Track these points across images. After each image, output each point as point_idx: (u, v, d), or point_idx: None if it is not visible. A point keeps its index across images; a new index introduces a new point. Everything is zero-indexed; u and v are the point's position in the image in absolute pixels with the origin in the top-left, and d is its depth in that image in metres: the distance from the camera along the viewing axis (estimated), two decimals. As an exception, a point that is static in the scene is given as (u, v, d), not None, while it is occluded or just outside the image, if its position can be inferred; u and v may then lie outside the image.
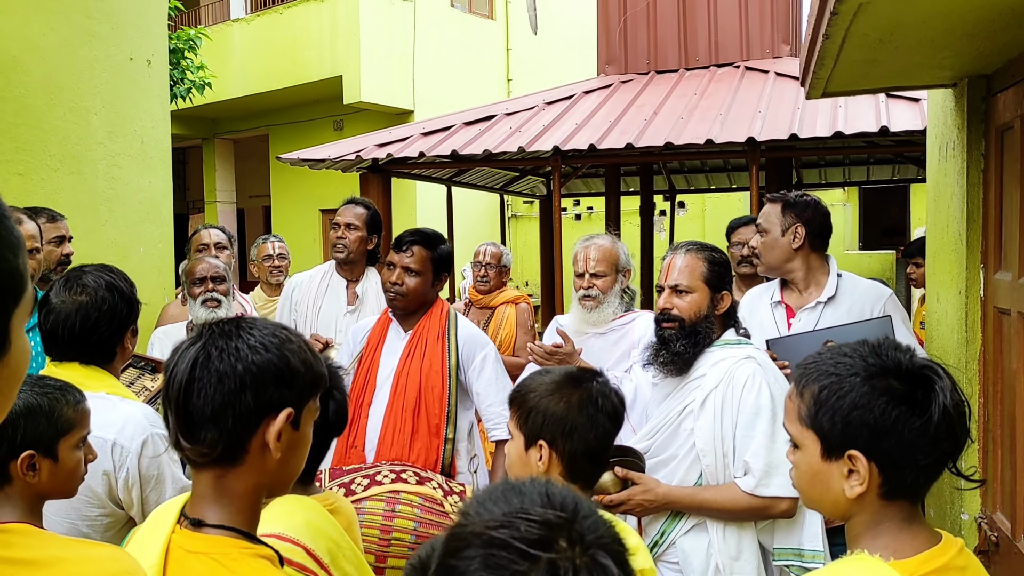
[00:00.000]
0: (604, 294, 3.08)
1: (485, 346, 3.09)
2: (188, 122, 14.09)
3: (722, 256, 2.47)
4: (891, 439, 1.21)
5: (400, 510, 2.42)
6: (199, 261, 3.50)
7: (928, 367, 1.24)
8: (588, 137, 5.68)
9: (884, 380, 1.23)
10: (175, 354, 1.27)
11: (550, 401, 1.74)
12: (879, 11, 1.87)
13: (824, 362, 1.30)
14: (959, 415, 1.22)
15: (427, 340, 3.02)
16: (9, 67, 3.77)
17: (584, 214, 12.44)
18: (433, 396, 2.95)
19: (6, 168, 3.77)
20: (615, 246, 3.15)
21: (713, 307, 2.39)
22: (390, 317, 3.11)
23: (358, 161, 6.31)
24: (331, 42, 11.53)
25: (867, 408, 1.22)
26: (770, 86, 6.26)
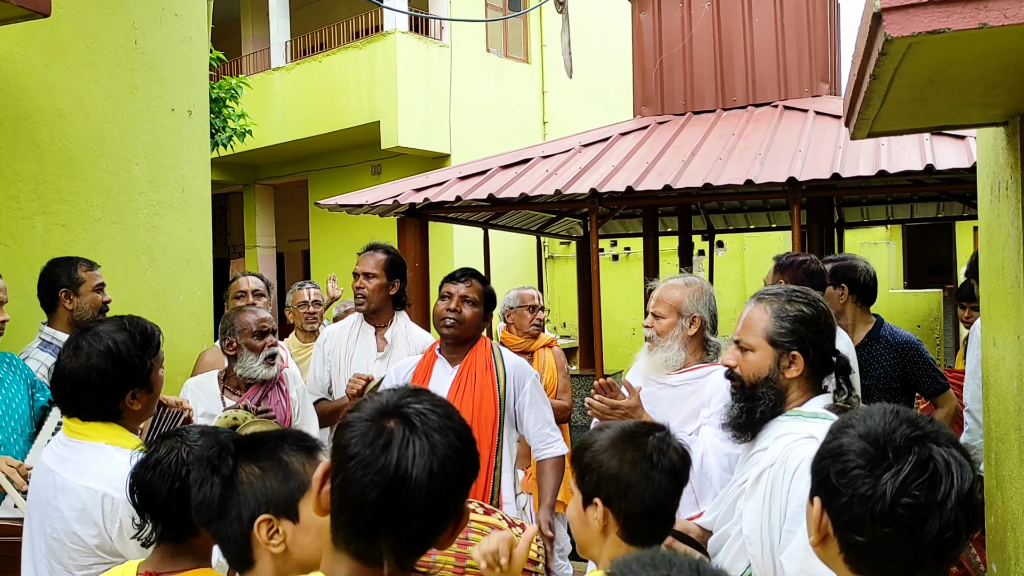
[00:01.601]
0: (660, 337, 2.95)
1: (531, 373, 3.20)
2: (229, 168, 14.35)
3: (801, 310, 2.08)
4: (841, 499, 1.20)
5: (472, 538, 2.41)
6: (249, 312, 3.41)
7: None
8: (625, 179, 5.64)
9: (864, 440, 1.21)
10: (386, 449, 1.13)
11: (604, 458, 1.66)
12: (930, 50, 1.81)
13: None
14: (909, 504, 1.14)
15: (476, 372, 3.07)
16: (54, 120, 3.84)
17: (622, 255, 12.37)
18: (485, 426, 2.99)
19: (49, 219, 3.82)
20: (685, 289, 2.97)
21: (778, 369, 2.06)
22: (436, 353, 3.16)
23: (395, 206, 6.33)
24: (369, 88, 11.70)
25: (836, 458, 1.23)
26: (810, 125, 6.19)
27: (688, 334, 2.95)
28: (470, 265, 10.25)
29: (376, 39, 11.75)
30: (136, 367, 2.10)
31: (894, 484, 1.15)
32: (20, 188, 3.68)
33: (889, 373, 3.61)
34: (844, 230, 9.67)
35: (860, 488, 1.17)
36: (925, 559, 1.16)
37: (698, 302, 2.97)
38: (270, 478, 1.45)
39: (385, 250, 3.89)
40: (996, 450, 3.01)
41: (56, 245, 3.84)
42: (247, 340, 3.41)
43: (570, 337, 12.29)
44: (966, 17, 1.65)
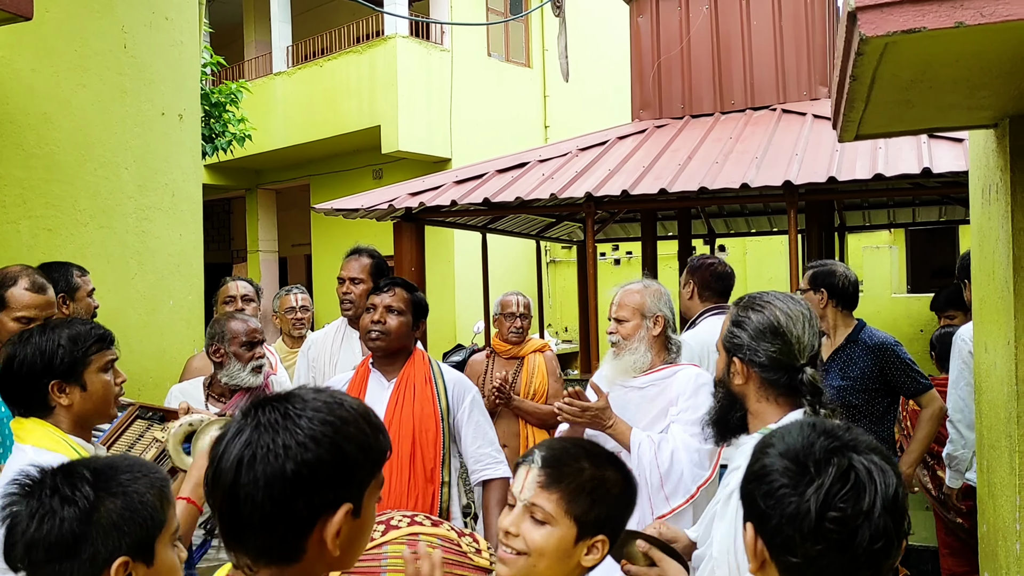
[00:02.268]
0: (627, 340, 3.00)
1: (471, 389, 3.10)
2: (231, 173, 14.35)
3: (757, 320, 1.95)
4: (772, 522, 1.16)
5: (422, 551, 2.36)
6: (240, 321, 3.37)
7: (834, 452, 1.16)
8: (621, 183, 5.60)
9: (785, 458, 1.18)
10: (219, 446, 1.15)
11: (610, 489, 1.56)
12: (907, 50, 1.77)
13: None
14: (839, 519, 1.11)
15: (415, 385, 2.98)
16: (40, 124, 3.83)
17: (623, 259, 12.32)
18: (427, 440, 2.91)
19: (35, 223, 3.80)
20: (644, 291, 3.04)
21: (727, 376, 1.99)
22: (369, 368, 3.07)
23: (391, 210, 6.30)
24: (370, 93, 11.69)
25: (761, 480, 1.19)
26: (808, 128, 6.14)
27: (653, 334, 3.02)
28: (470, 269, 10.21)
29: (377, 44, 11.75)
30: (58, 357, 2.07)
31: (818, 499, 1.11)
32: (6, 192, 3.66)
33: (867, 374, 3.63)
34: (846, 234, 9.61)
35: (787, 508, 1.13)
36: (860, 572, 1.12)
37: (659, 302, 3.03)
38: (130, 514, 1.30)
39: (369, 254, 3.86)
40: (988, 457, 2.96)
41: (42, 249, 3.82)
42: (235, 349, 3.37)
43: (572, 342, 12.25)
44: (941, 16, 1.61)
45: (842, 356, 3.71)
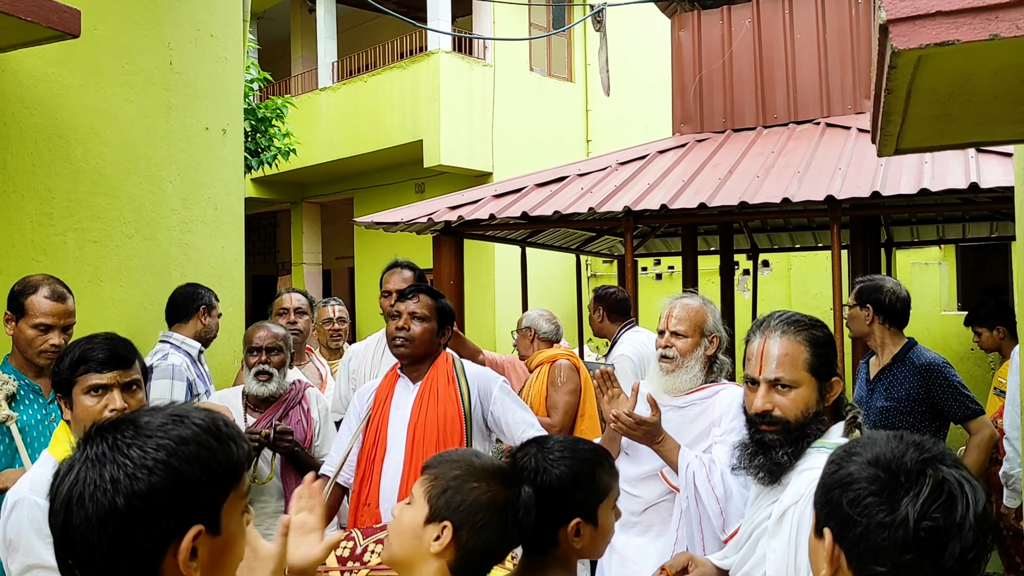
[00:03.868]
0: (683, 357, 2.87)
1: (496, 379, 3.09)
2: (277, 187, 14.59)
3: (824, 331, 2.02)
4: (857, 529, 1.15)
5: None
6: (257, 328, 3.46)
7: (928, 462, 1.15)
8: (660, 197, 5.57)
9: (873, 467, 1.18)
10: (53, 484, 1.10)
11: (475, 489, 1.58)
12: (942, 63, 1.73)
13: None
14: (936, 533, 1.10)
15: (438, 387, 2.99)
16: (88, 138, 3.92)
17: (665, 274, 12.23)
18: (452, 441, 2.91)
19: (82, 236, 3.89)
20: (704, 307, 2.94)
21: (822, 399, 1.96)
22: (397, 373, 3.09)
23: (431, 224, 6.34)
24: (413, 107, 11.81)
25: (846, 488, 1.18)
26: (852, 142, 6.05)
27: (708, 354, 2.91)
28: (511, 283, 10.18)
29: (420, 59, 11.87)
30: (58, 372, 2.17)
31: (914, 508, 1.11)
32: (53, 205, 3.75)
33: (912, 396, 3.51)
34: (894, 250, 9.41)
35: (876, 516, 1.14)
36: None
37: (718, 321, 2.94)
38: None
39: (410, 267, 3.90)
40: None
41: (88, 261, 3.91)
42: (244, 355, 3.43)
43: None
44: (976, 28, 1.57)
45: (888, 376, 3.61)
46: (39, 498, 1.97)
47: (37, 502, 1.95)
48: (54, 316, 2.88)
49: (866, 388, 3.73)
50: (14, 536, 1.96)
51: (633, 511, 2.88)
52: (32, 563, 1.93)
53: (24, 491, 2.01)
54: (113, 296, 4.04)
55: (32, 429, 2.84)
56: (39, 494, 1.98)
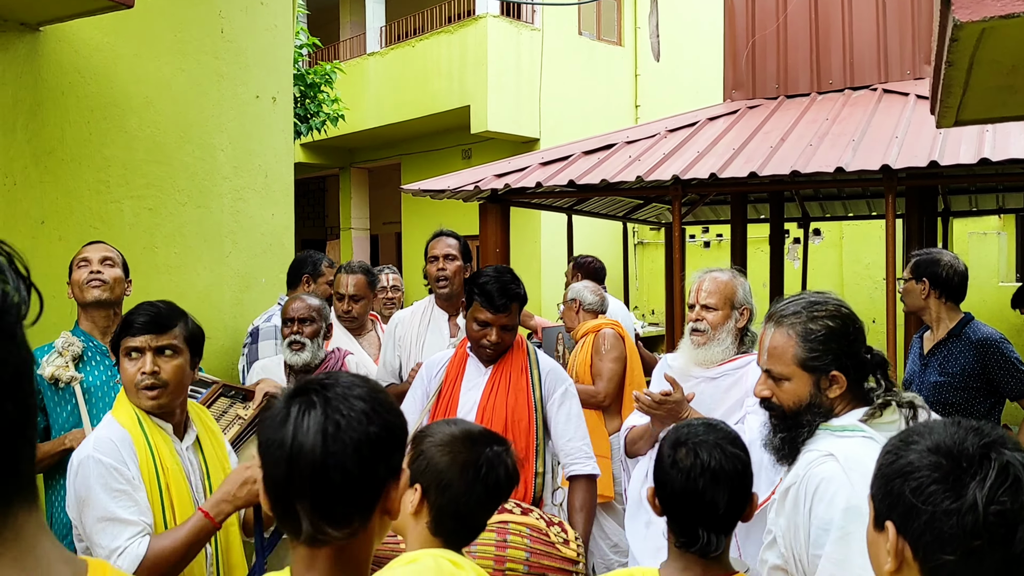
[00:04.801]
0: (714, 330, 2.90)
1: (565, 380, 3.06)
2: (326, 152, 14.68)
3: (830, 323, 1.92)
4: (922, 518, 1.13)
5: (511, 540, 2.39)
6: (292, 300, 3.56)
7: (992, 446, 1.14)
8: (710, 166, 5.48)
9: (934, 454, 1.16)
10: (284, 427, 1.19)
11: (438, 452, 1.70)
12: (1006, 36, 1.67)
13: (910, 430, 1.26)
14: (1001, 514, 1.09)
15: (511, 374, 2.98)
16: (142, 107, 3.99)
17: (713, 242, 12.09)
18: (520, 429, 2.91)
19: (137, 203, 3.98)
20: (734, 280, 2.96)
21: (820, 392, 1.92)
22: (468, 352, 3.07)
23: (477, 191, 6.34)
24: (460, 73, 11.75)
25: (907, 477, 1.16)
26: (910, 109, 5.88)
27: (739, 326, 2.94)
28: (557, 251, 10.14)
29: (467, 23, 11.79)
30: (113, 339, 2.27)
31: (982, 493, 1.10)
32: (110, 173, 3.84)
33: (967, 371, 3.44)
34: (950, 219, 9.17)
35: (943, 503, 1.12)
36: (1015, 570, 1.10)
37: (748, 293, 2.96)
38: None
39: (453, 235, 3.92)
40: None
41: (143, 228, 4.00)
42: (281, 327, 3.52)
43: (658, 324, 12.13)
44: (1043, -1, 1.51)
45: (943, 351, 3.55)
46: (104, 456, 2.09)
47: (102, 460, 2.08)
48: (90, 252, 3.05)
49: (919, 363, 3.67)
50: (84, 493, 2.08)
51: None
52: (103, 515, 2.06)
53: (89, 450, 2.12)
54: (168, 263, 4.13)
55: (97, 390, 2.94)
56: (104, 453, 2.10)
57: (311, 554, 1.21)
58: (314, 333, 3.43)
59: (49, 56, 3.51)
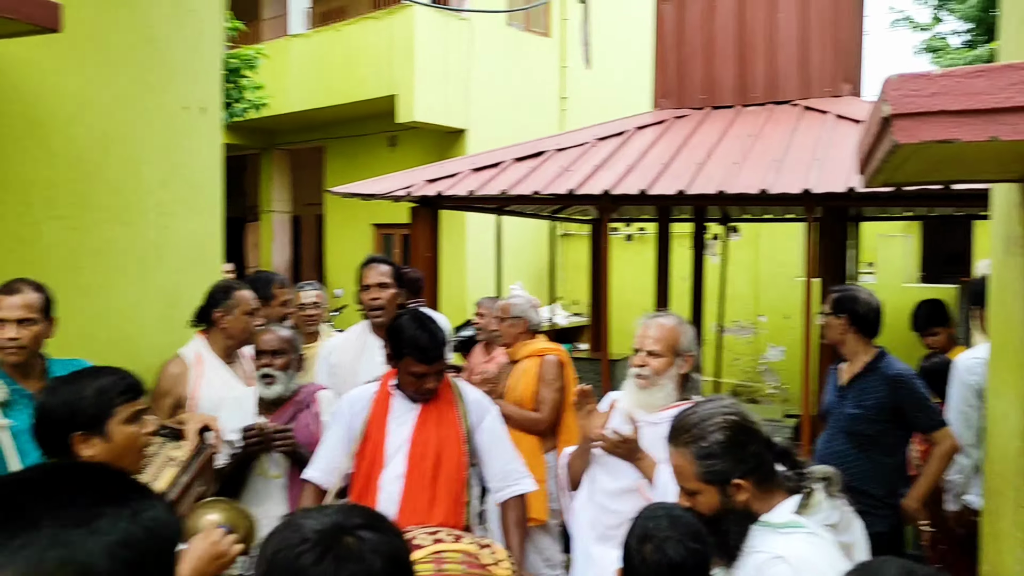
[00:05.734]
0: (657, 375, 2.98)
1: (490, 407, 3.20)
2: (247, 133, 14.31)
3: (718, 440, 2.00)
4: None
5: (448, 569, 2.45)
6: (264, 331, 3.53)
7: None
8: (638, 181, 5.59)
9: None
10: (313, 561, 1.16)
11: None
12: (941, 148, 1.77)
13: None
14: None
15: (439, 407, 3.06)
16: (66, 124, 3.84)
17: (636, 235, 12.31)
18: (452, 462, 3.00)
19: (61, 223, 3.84)
20: (678, 327, 3.03)
21: (729, 499, 2.00)
22: (390, 391, 3.11)
23: (408, 197, 6.31)
24: (387, 60, 11.59)
25: None
26: (829, 129, 6.10)
27: (681, 372, 3.01)
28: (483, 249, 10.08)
29: (395, 11, 11.61)
30: (81, 408, 2.12)
31: None
32: (31, 194, 3.69)
33: (882, 405, 3.64)
34: (860, 223, 9.57)
35: None
36: None
37: (692, 341, 3.02)
38: None
39: (386, 262, 3.93)
40: (994, 502, 3.01)
41: (67, 248, 3.86)
42: (255, 356, 3.48)
43: (581, 315, 12.30)
44: (976, 130, 1.61)
45: (859, 384, 3.73)
46: None
47: None
48: (6, 311, 2.89)
49: (836, 394, 3.86)
50: None
51: (610, 525, 2.98)
52: None
53: None
54: (92, 282, 4.00)
55: (23, 435, 2.85)
56: None
57: None
58: (285, 365, 3.40)
59: (-33, 75, 3.34)
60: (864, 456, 3.67)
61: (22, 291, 2.94)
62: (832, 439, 3.79)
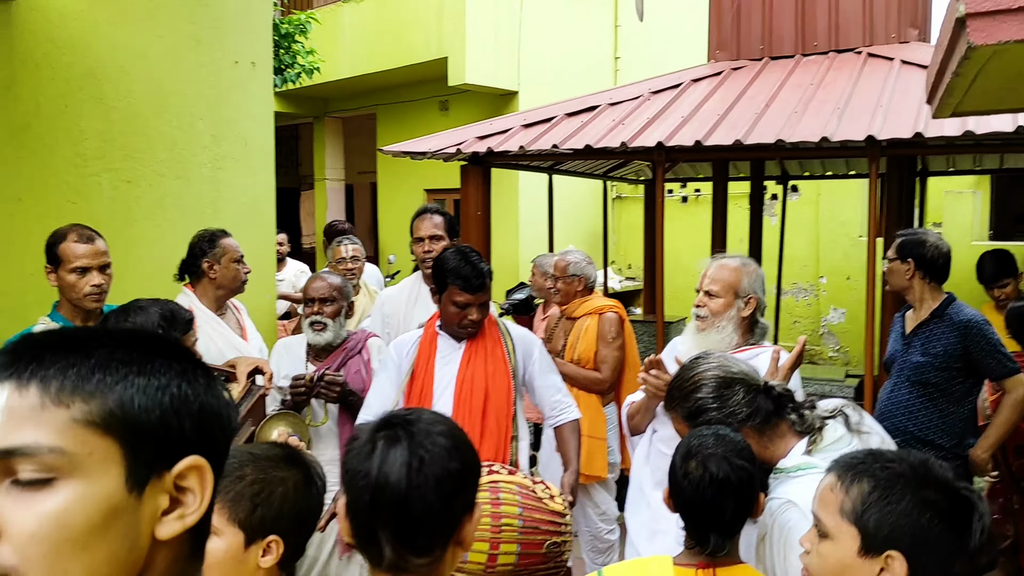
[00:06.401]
0: (714, 317, 2.91)
1: (536, 342, 3.28)
2: (300, 101, 14.39)
3: (704, 394, 2.09)
4: (928, 549, 1.31)
5: (504, 498, 2.48)
6: (314, 279, 3.54)
7: (968, 490, 1.38)
8: (694, 132, 5.45)
9: (933, 494, 1.35)
10: (369, 460, 1.26)
11: (280, 490, 1.54)
12: (1017, 53, 1.66)
13: (875, 461, 1.43)
14: (991, 540, 1.34)
15: (486, 346, 3.10)
16: (117, 77, 3.87)
17: (691, 196, 12.09)
18: (500, 397, 3.04)
19: (115, 175, 3.89)
20: (741, 269, 2.94)
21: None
22: (437, 331, 3.16)
23: (458, 154, 6.26)
24: (437, 23, 11.50)
25: (916, 516, 1.33)
26: (895, 76, 5.85)
27: (743, 315, 2.91)
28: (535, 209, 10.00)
29: (446, -28, 11.49)
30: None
31: (982, 527, 1.33)
32: (86, 146, 3.74)
33: (950, 352, 3.50)
34: (927, 178, 9.23)
35: (950, 538, 1.33)
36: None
37: (755, 283, 2.92)
38: None
39: (439, 212, 3.89)
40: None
41: (122, 202, 3.92)
42: (304, 306, 3.49)
43: (636, 279, 12.17)
44: (1060, 25, 1.49)
45: (925, 331, 3.60)
46: None
47: None
48: (88, 257, 2.93)
49: (902, 343, 3.72)
50: None
51: (666, 470, 2.92)
52: None
53: None
54: (147, 236, 4.06)
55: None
56: None
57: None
58: (335, 313, 3.44)
59: (22, 27, 3.38)
60: (931, 405, 3.54)
61: (96, 238, 2.99)
62: (896, 389, 3.66)
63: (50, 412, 0.76)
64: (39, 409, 0.76)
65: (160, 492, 0.81)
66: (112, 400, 0.78)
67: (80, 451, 0.76)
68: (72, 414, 0.76)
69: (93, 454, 0.77)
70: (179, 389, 0.82)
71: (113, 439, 0.78)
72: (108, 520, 0.77)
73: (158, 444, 0.80)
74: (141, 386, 0.79)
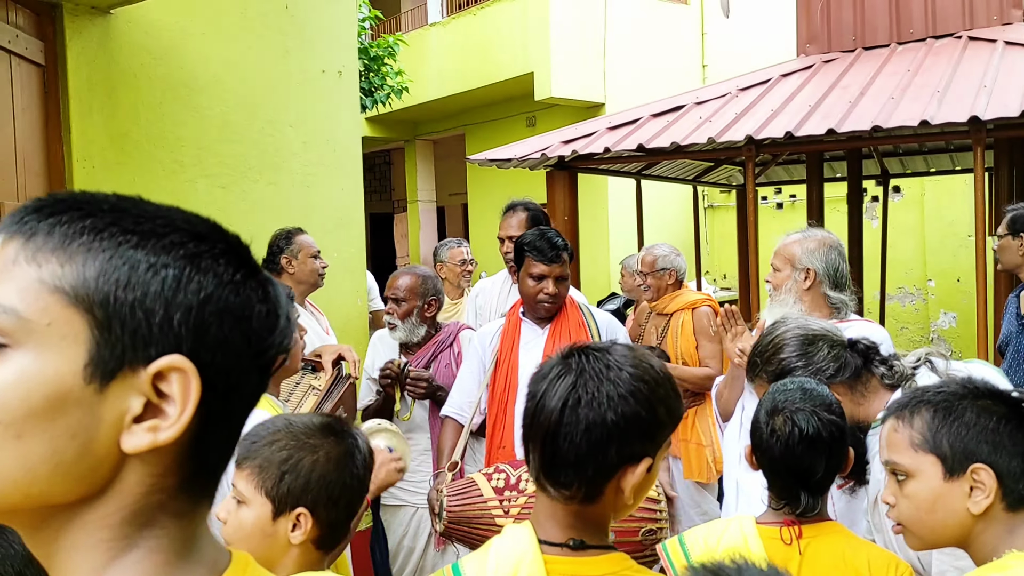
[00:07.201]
0: (776, 290, 2.89)
1: (620, 329, 3.23)
2: (391, 125, 14.73)
3: (787, 354, 2.04)
4: (1007, 451, 1.30)
5: None
6: (392, 277, 3.59)
7: (1012, 391, 1.38)
8: (785, 124, 5.29)
9: (989, 401, 1.34)
10: (542, 382, 1.27)
11: (313, 460, 1.48)
12: None
13: (926, 392, 1.40)
14: None
15: (570, 331, 3.05)
16: (212, 86, 4.03)
17: (787, 203, 11.77)
18: None
19: (211, 182, 4.03)
20: (801, 241, 2.88)
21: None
22: (520, 316, 3.13)
23: (544, 159, 6.26)
24: (523, 39, 11.61)
25: (983, 424, 1.31)
26: (998, 56, 5.57)
27: (802, 287, 2.84)
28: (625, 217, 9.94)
29: (529, -12, 11.61)
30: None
31: None
32: (183, 153, 3.89)
33: None
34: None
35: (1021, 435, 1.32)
36: None
37: (812, 255, 2.83)
38: None
39: (525, 207, 3.88)
40: None
41: (218, 206, 4.06)
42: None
43: (731, 288, 11.90)
44: None
45: None
46: None
47: None
48: None
49: (1016, 323, 3.50)
50: None
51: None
52: None
53: None
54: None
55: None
56: None
57: (552, 506, 1.28)
58: (406, 313, 3.46)
59: (121, 39, 3.56)
60: (1051, 389, 3.30)
61: None
62: (1010, 373, 3.44)
63: (20, 269, 0.65)
64: (11, 264, 0.66)
65: (131, 392, 0.67)
66: (91, 269, 0.66)
67: (38, 318, 0.65)
68: (41, 274, 0.65)
69: (52, 325, 0.65)
70: (179, 272, 0.68)
71: (81, 313, 0.66)
72: (53, 408, 0.65)
73: (135, 332, 0.66)
74: (131, 260, 0.67)
